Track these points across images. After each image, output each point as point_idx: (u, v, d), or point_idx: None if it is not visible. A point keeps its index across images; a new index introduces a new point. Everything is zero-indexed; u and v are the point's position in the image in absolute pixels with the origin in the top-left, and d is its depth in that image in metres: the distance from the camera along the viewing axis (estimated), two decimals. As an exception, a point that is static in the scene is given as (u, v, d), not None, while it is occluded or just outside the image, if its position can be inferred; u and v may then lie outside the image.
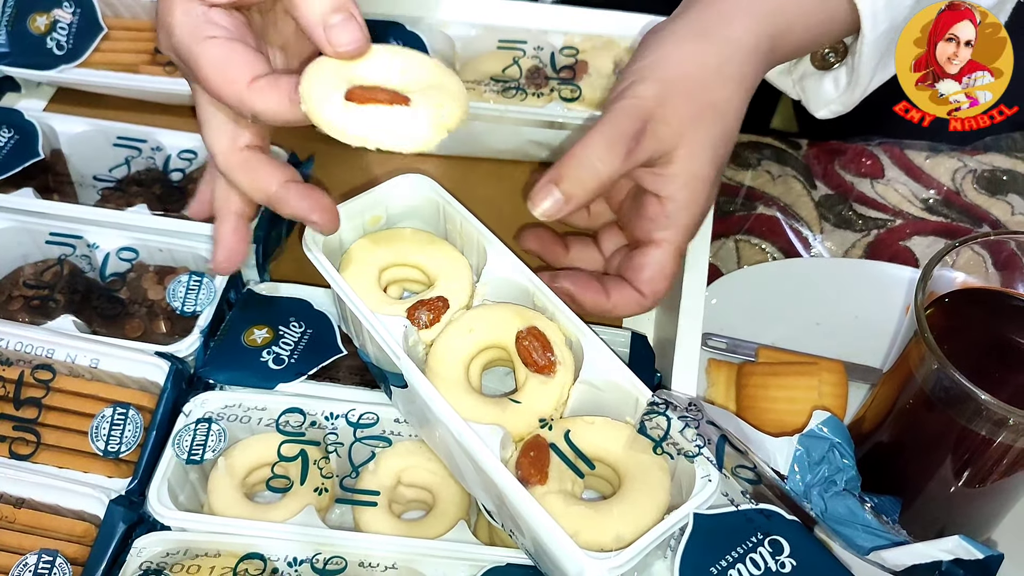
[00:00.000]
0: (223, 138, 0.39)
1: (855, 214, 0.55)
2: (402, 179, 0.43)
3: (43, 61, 0.56)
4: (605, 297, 0.42)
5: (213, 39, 0.36)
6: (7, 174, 0.50)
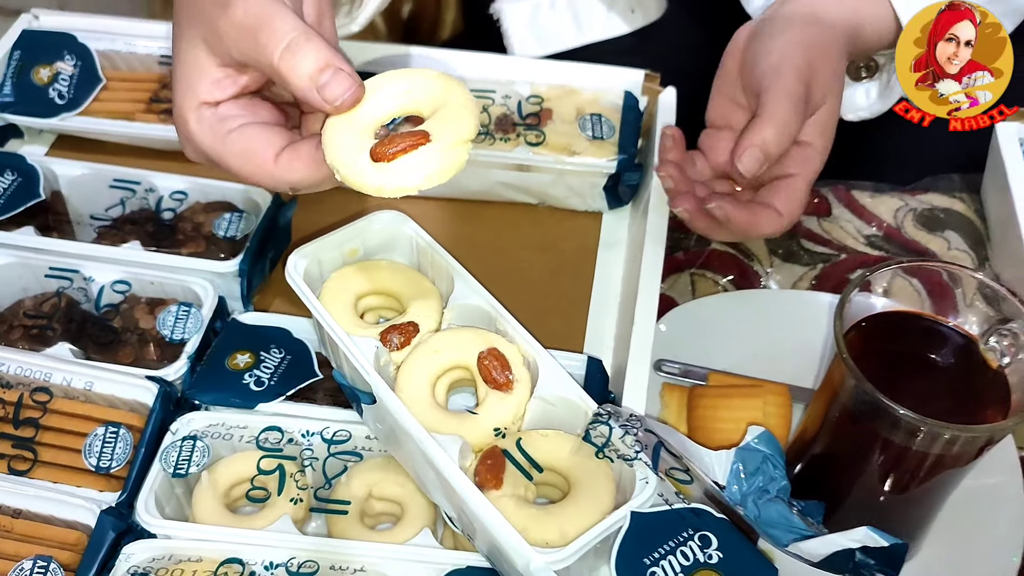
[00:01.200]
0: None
1: (803, 249, 0.59)
2: (379, 215, 0.47)
3: (45, 110, 0.61)
4: (752, 216, 0.49)
5: (231, 133, 0.39)
6: (10, 214, 0.54)
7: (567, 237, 0.59)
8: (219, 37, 0.39)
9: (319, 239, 0.46)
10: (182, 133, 0.41)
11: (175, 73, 0.41)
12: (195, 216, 0.55)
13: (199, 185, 0.56)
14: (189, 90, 0.40)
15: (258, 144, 0.39)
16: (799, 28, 0.51)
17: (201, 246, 0.54)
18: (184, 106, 0.40)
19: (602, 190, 0.58)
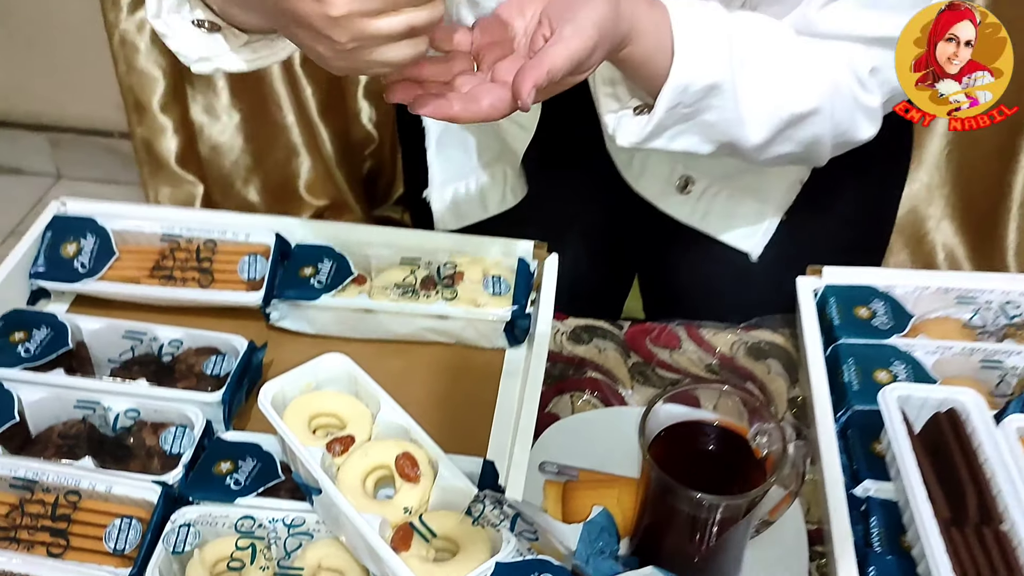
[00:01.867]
0: None
1: (656, 375, 0.77)
2: (327, 357, 0.64)
3: (70, 276, 0.78)
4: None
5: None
6: (46, 360, 0.71)
7: (477, 368, 0.76)
8: None
9: (283, 375, 0.63)
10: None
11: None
12: (188, 359, 0.72)
13: (191, 335, 0.73)
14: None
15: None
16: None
17: (193, 382, 0.70)
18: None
19: (503, 332, 0.76)
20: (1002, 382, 0.70)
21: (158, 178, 1.62)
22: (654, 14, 0.64)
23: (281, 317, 0.77)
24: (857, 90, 0.73)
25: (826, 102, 0.72)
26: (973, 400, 0.62)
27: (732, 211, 0.88)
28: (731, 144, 0.71)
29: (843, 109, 0.73)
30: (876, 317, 0.74)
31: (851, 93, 0.73)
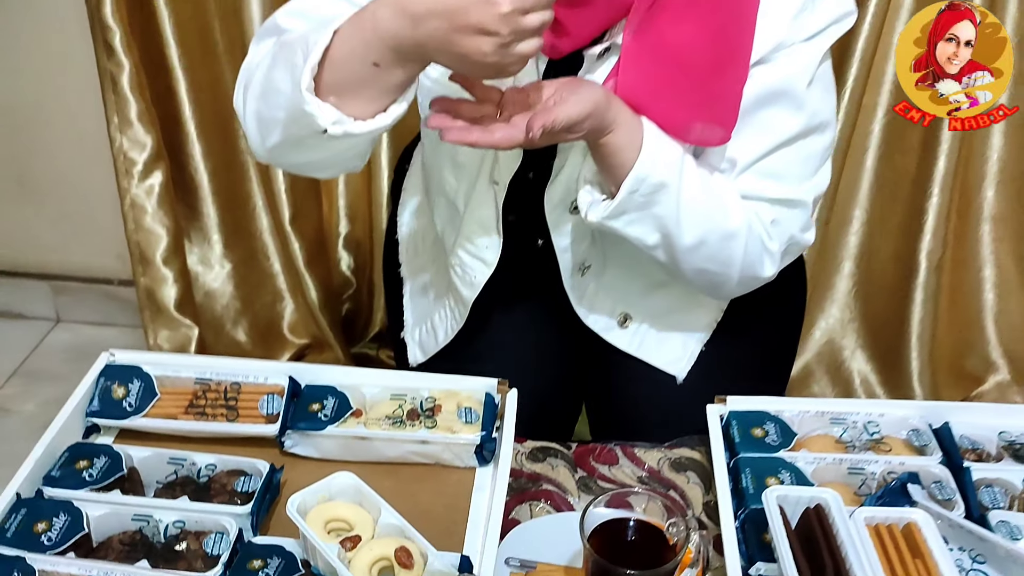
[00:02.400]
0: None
1: (598, 486, 0.96)
2: (337, 475, 0.83)
3: (120, 414, 0.95)
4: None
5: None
6: (105, 482, 0.87)
7: (453, 484, 0.94)
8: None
9: (304, 490, 0.81)
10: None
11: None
12: (221, 479, 0.89)
13: (223, 460, 0.91)
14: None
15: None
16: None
17: (226, 497, 0.87)
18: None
19: (473, 454, 0.94)
20: (863, 484, 0.90)
21: (158, 322, 1.80)
22: (634, 119, 0.88)
23: (294, 444, 0.95)
24: (763, 234, 0.96)
25: (742, 232, 0.95)
26: (833, 497, 0.81)
27: (662, 342, 1.09)
28: (669, 239, 0.92)
29: (753, 245, 0.96)
30: (768, 436, 0.94)
31: (759, 235, 0.96)
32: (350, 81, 0.80)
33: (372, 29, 0.77)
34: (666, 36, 0.86)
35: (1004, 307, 1.79)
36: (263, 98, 0.87)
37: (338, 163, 0.94)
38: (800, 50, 0.90)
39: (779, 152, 0.94)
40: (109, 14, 1.55)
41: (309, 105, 0.80)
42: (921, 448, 0.92)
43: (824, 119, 0.95)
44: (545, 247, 1.04)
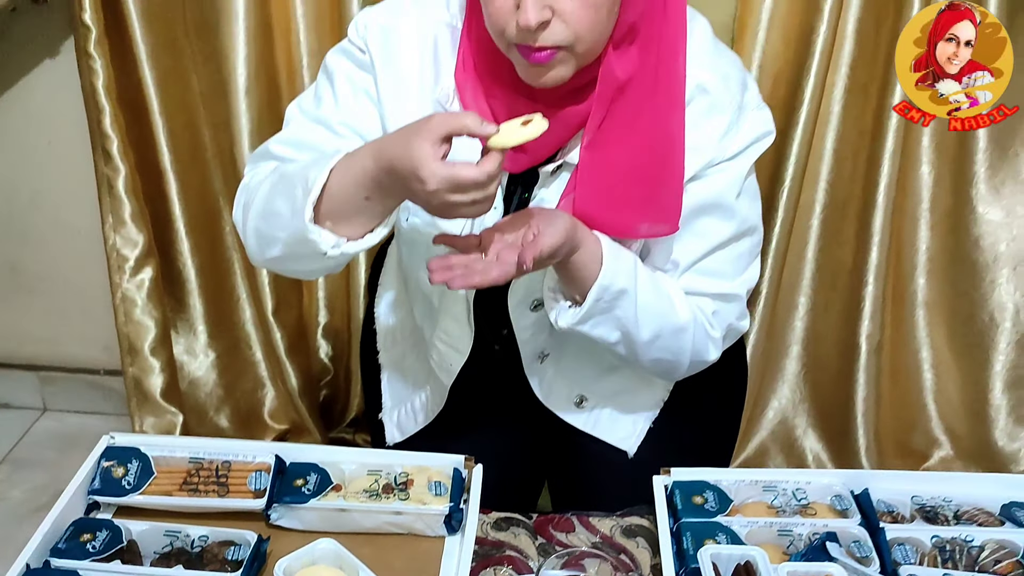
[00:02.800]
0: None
1: (554, 551, 1.05)
2: (321, 541, 0.92)
3: (119, 492, 1.04)
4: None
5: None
6: (107, 554, 0.96)
7: (424, 551, 1.03)
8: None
9: (290, 555, 0.90)
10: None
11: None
12: (213, 549, 0.98)
13: (215, 531, 1.00)
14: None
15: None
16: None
17: (218, 566, 0.96)
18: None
19: (443, 524, 1.04)
20: (791, 544, 1.00)
21: (144, 409, 1.89)
22: (592, 236, 1.02)
23: (280, 517, 1.04)
24: (706, 324, 1.09)
25: (690, 325, 1.08)
26: (761, 555, 0.92)
27: (615, 421, 1.21)
28: (629, 336, 1.05)
29: (699, 335, 1.09)
30: (708, 503, 1.04)
31: (703, 325, 1.09)
32: (344, 211, 0.94)
33: (361, 172, 0.92)
34: (613, 152, 1.00)
35: (942, 387, 1.92)
36: (264, 219, 1.00)
37: (326, 270, 1.07)
38: (727, 167, 1.04)
39: (715, 254, 1.08)
40: (108, 124, 1.68)
41: (312, 234, 0.93)
42: (843, 511, 1.03)
43: (752, 224, 1.10)
44: (509, 336, 1.16)
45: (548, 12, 0.89)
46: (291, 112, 1.11)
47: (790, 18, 1.61)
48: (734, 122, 1.04)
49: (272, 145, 1.07)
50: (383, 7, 1.07)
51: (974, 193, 1.74)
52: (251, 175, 1.08)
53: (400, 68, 1.03)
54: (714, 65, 1.03)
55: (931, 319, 1.87)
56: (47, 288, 2.11)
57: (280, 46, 1.72)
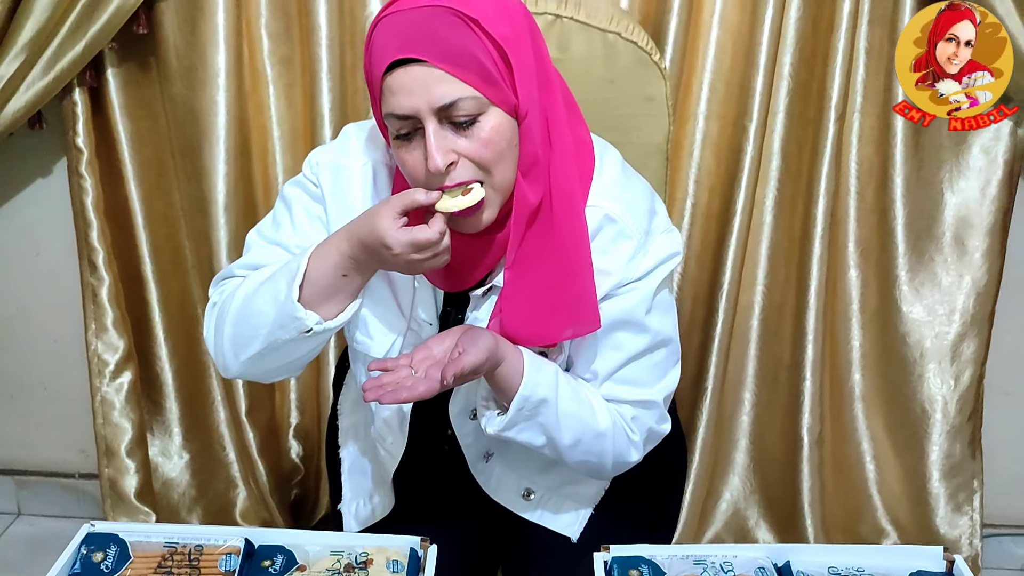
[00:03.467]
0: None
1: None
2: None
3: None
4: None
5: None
6: None
7: (382, 627, 1.11)
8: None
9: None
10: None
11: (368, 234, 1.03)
12: (185, 626, 1.05)
13: (186, 610, 1.07)
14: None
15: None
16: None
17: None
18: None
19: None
20: (718, 613, 1.09)
21: (118, 510, 1.95)
22: (515, 352, 1.13)
23: (248, 596, 1.12)
24: (626, 429, 1.20)
25: (610, 431, 1.18)
26: (687, 619, 1.01)
27: (559, 510, 1.30)
28: (553, 440, 1.15)
29: (620, 439, 1.19)
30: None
31: (623, 430, 1.20)
32: (324, 291, 1.08)
33: (337, 253, 1.07)
34: (533, 270, 1.12)
35: (884, 477, 2.03)
36: (242, 321, 1.13)
37: (300, 360, 1.18)
38: (636, 286, 1.16)
39: (631, 364, 1.19)
40: (95, 237, 1.81)
41: (299, 312, 1.06)
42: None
43: (665, 336, 1.19)
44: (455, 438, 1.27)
45: (452, 155, 1.03)
46: (251, 239, 1.23)
47: (720, 138, 1.78)
48: (641, 246, 1.15)
49: (235, 269, 1.21)
50: (333, 148, 1.22)
51: (898, 294, 1.88)
52: (217, 295, 1.21)
53: (346, 201, 1.17)
54: (621, 196, 1.15)
55: (869, 412, 1.99)
56: (26, 394, 2.19)
57: (257, 165, 1.86)
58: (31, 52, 1.64)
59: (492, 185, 1.07)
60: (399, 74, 1.01)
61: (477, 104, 1.02)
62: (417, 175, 1.07)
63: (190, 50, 1.73)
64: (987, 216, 1.81)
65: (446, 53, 0.99)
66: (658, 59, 1.43)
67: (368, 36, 1.05)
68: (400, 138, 1.06)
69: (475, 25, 1.00)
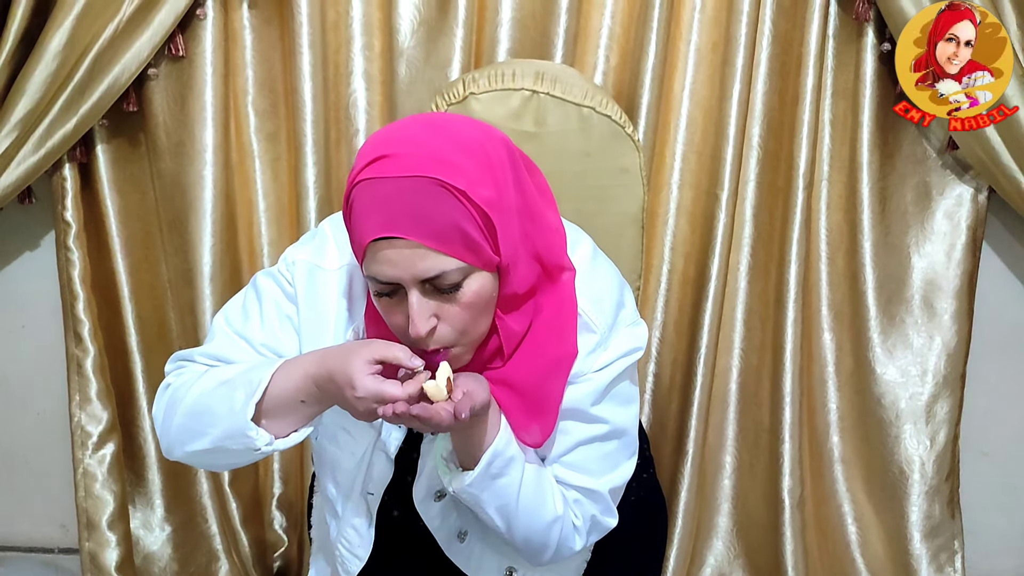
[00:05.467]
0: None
1: None
2: None
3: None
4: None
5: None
6: None
7: None
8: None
9: None
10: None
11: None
12: None
13: None
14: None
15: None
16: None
17: None
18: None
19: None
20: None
21: (98, 585, 1.93)
22: (496, 406, 1.10)
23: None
24: (571, 512, 1.18)
25: (560, 516, 1.16)
26: None
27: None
28: (508, 509, 1.11)
29: (566, 525, 1.18)
30: (627, 638, 1.14)
31: (569, 515, 1.18)
32: (279, 411, 1.06)
33: (302, 377, 1.05)
34: (512, 379, 1.12)
35: (866, 539, 2.03)
36: (194, 417, 1.09)
37: (241, 465, 1.16)
38: (590, 378, 1.14)
39: (579, 449, 1.17)
40: (81, 309, 1.83)
41: (250, 431, 1.04)
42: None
43: (617, 427, 1.17)
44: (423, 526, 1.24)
45: (434, 320, 1.02)
46: (218, 323, 1.19)
47: (694, 207, 1.84)
48: (603, 340, 1.14)
49: (197, 356, 1.17)
50: (310, 247, 1.18)
51: (871, 356, 1.93)
52: (174, 376, 1.16)
53: (320, 305, 1.15)
54: (588, 290, 1.15)
55: (848, 474, 2.01)
56: (8, 468, 2.17)
57: (243, 237, 1.90)
58: (23, 129, 1.68)
59: (466, 343, 1.07)
60: (383, 246, 0.99)
61: (460, 274, 1.01)
62: (397, 328, 1.05)
63: (179, 126, 1.78)
64: (954, 279, 1.86)
65: (430, 231, 0.97)
66: (632, 132, 1.49)
67: (348, 195, 1.02)
68: (381, 295, 1.05)
69: (461, 196, 0.98)
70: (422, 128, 1.02)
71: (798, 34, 1.73)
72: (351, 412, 1.04)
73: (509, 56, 1.74)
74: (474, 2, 1.72)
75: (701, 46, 1.76)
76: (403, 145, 0.99)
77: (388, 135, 1.02)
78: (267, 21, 1.79)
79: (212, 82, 1.76)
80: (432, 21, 1.75)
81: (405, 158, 0.98)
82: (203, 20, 1.74)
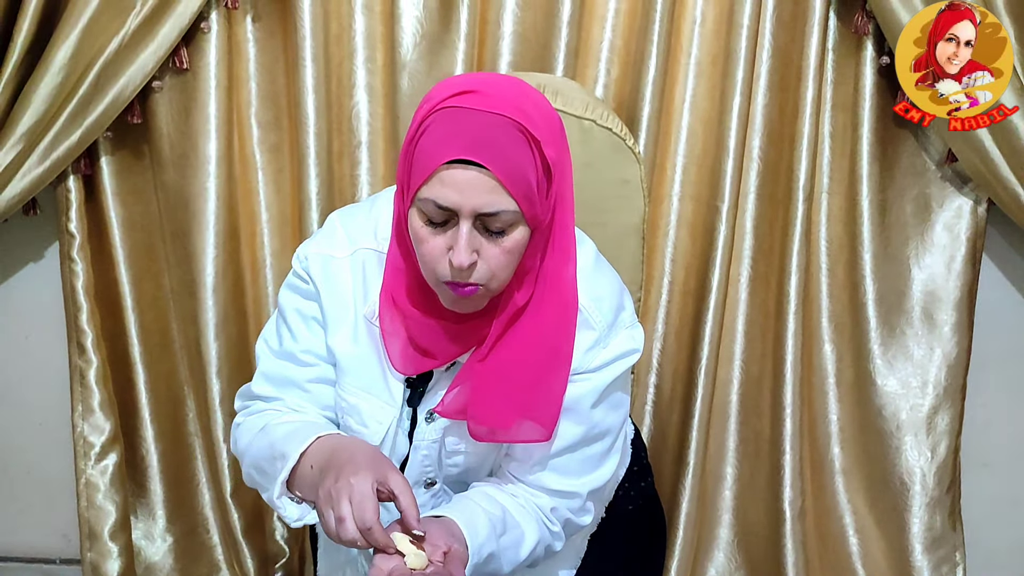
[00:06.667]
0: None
1: None
2: None
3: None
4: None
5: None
6: None
7: None
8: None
9: None
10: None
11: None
12: None
13: None
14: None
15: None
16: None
17: None
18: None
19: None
20: None
21: (99, 595, 1.93)
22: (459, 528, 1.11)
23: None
24: (546, 522, 1.20)
25: (538, 538, 1.18)
26: None
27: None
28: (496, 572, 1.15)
29: (544, 537, 1.20)
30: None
31: (546, 525, 1.20)
32: (308, 487, 1.10)
33: (331, 453, 1.08)
34: (502, 359, 1.13)
35: (868, 550, 2.03)
36: (250, 473, 1.21)
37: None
38: (589, 377, 1.15)
39: (564, 455, 1.19)
40: (85, 320, 1.84)
41: (281, 504, 1.12)
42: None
43: (604, 429, 1.19)
44: None
45: (475, 255, 1.04)
46: (260, 348, 1.26)
47: (695, 218, 1.85)
48: (602, 339, 1.16)
49: (254, 387, 1.24)
50: (320, 240, 1.22)
51: (872, 368, 1.93)
52: (242, 415, 1.25)
53: (337, 291, 1.19)
54: (590, 288, 1.16)
55: (849, 485, 2.01)
56: (8, 477, 2.18)
57: (246, 249, 1.91)
58: (28, 141, 1.69)
59: (493, 287, 1.08)
60: (456, 171, 1.00)
61: (513, 218, 1.03)
62: (431, 257, 1.06)
63: (182, 139, 1.79)
64: (953, 291, 1.87)
65: (505, 165, 1.00)
66: (632, 144, 1.50)
67: (425, 113, 1.03)
68: (429, 222, 1.05)
69: (535, 145, 1.02)
70: (505, 80, 1.08)
71: (798, 47, 1.74)
72: (318, 497, 1.05)
73: (510, 69, 1.75)
74: (476, 15, 1.74)
75: (701, 59, 1.78)
76: (489, 87, 1.03)
77: (471, 77, 1.08)
78: (271, 34, 1.81)
79: (216, 95, 1.77)
80: (434, 34, 1.76)
81: (492, 97, 1.01)
82: (207, 33, 1.75)
